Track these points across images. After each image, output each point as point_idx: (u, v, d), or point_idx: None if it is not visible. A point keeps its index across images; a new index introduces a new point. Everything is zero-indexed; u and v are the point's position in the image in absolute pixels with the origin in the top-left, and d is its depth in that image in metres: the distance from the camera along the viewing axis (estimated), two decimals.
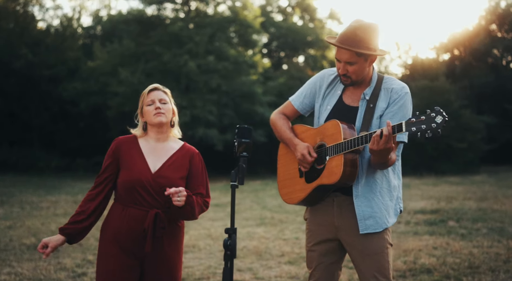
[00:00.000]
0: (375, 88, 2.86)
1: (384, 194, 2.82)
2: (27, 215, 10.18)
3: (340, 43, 2.75)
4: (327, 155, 2.78)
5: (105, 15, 30.88)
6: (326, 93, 3.01)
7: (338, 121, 2.78)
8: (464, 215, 9.41)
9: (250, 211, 11.22)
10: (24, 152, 23.94)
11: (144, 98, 2.91)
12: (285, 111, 3.22)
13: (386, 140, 2.50)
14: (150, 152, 2.88)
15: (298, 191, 2.96)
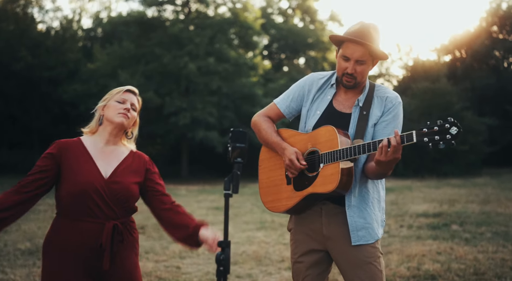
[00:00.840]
0: (368, 95, 2.77)
1: (375, 204, 2.74)
2: (24, 218, 10.03)
3: (358, 39, 2.63)
4: (322, 162, 2.64)
5: (105, 17, 30.81)
6: (315, 98, 2.88)
7: (334, 128, 2.65)
8: (468, 219, 9.26)
9: (250, 214, 11.07)
10: (23, 154, 23.84)
11: (117, 93, 2.66)
12: (269, 113, 3.08)
13: (395, 150, 2.40)
14: (98, 155, 2.59)
15: (285, 199, 2.80)
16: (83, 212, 2.44)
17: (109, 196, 2.48)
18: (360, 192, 2.69)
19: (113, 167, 2.56)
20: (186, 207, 2.77)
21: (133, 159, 2.67)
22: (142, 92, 18.61)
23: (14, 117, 24.74)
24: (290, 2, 32.17)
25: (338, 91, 2.85)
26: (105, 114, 2.60)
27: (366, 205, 2.69)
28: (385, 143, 2.40)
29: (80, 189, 2.43)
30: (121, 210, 2.53)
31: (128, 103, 2.64)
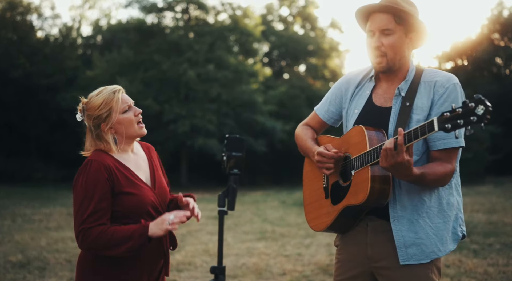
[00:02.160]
0: (413, 82, 2.30)
1: (433, 215, 2.27)
2: (18, 228, 9.77)
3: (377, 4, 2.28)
4: (353, 169, 2.27)
5: (105, 25, 30.69)
6: (354, 96, 2.49)
7: (363, 127, 2.27)
8: (474, 229, 8.98)
9: (250, 224, 10.80)
10: (21, 162, 23.60)
11: (116, 103, 2.31)
12: (310, 122, 2.72)
13: (391, 154, 2.00)
14: (134, 166, 2.39)
15: (324, 215, 2.45)
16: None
17: (161, 203, 2.37)
18: (410, 200, 2.25)
19: (148, 173, 2.39)
20: None
21: (149, 154, 2.50)
22: (141, 99, 18.40)
23: (12, 124, 24.53)
24: (291, 9, 32.08)
25: (378, 83, 2.44)
26: (120, 131, 2.32)
27: (419, 216, 2.25)
28: (385, 146, 2.02)
29: (141, 208, 2.27)
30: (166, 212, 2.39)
31: (132, 106, 2.37)
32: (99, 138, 2.34)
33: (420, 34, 2.33)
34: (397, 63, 2.31)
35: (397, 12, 2.26)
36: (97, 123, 2.32)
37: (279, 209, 13.73)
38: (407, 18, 2.27)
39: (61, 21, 29.82)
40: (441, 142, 2.23)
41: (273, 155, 25.74)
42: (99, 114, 2.30)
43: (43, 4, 28.01)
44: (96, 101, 2.32)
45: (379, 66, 2.32)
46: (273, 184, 24.47)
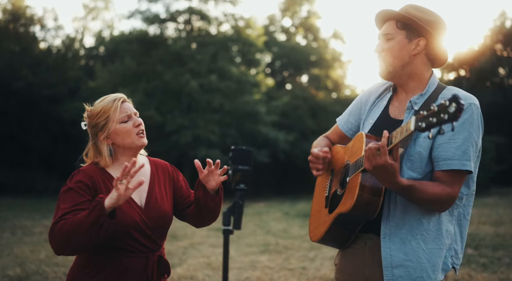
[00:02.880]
0: (431, 97, 2.18)
1: (429, 239, 2.13)
2: (17, 241, 9.62)
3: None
4: (348, 175, 2.18)
5: (108, 36, 30.74)
6: (372, 106, 2.40)
7: (363, 133, 2.19)
8: (482, 242, 8.80)
9: (253, 236, 10.62)
10: (22, 174, 23.48)
11: (114, 112, 2.19)
12: (330, 134, 2.63)
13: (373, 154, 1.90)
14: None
15: (321, 224, 2.36)
16: (124, 249, 2.11)
17: (150, 227, 2.18)
18: (405, 219, 2.12)
19: (145, 192, 2.20)
20: (186, 228, 2.46)
21: (156, 171, 2.32)
22: (143, 110, 18.21)
23: (13, 136, 24.45)
24: (293, 20, 32.12)
25: (396, 94, 2.34)
26: (117, 142, 2.19)
27: (413, 237, 2.11)
28: (367, 146, 1.93)
29: (121, 229, 2.07)
30: (162, 238, 2.24)
31: (133, 115, 2.23)
32: (96, 149, 2.22)
33: (430, 40, 2.21)
34: (400, 68, 2.21)
35: (399, 18, 2.21)
36: (95, 132, 2.23)
37: (282, 220, 13.56)
38: (409, 23, 2.19)
39: (64, 32, 29.83)
40: (445, 163, 2.09)
41: (275, 166, 25.59)
42: (97, 122, 2.21)
43: (46, 16, 27.91)
44: (95, 109, 2.24)
45: (380, 70, 2.27)
46: (276, 195, 24.29)
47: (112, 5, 35.01)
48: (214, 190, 2.29)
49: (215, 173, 2.27)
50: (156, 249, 2.22)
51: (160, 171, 2.36)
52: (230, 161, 1.75)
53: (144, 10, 25.07)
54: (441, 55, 2.27)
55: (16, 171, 23.55)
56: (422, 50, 2.21)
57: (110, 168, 2.24)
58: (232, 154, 1.72)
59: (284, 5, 32.06)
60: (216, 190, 2.30)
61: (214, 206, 2.30)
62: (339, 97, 30.31)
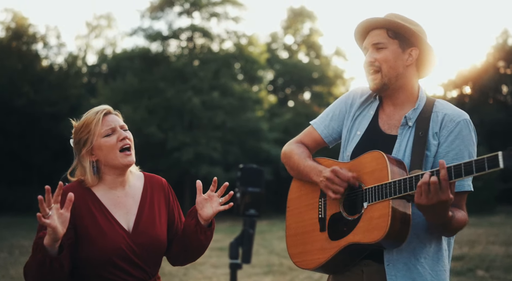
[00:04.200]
0: (424, 111, 2.06)
1: (432, 261, 2.00)
2: (14, 261, 9.39)
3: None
4: (365, 201, 1.94)
5: (110, 53, 30.84)
6: (357, 114, 2.21)
7: (383, 153, 1.95)
8: (493, 263, 8.53)
9: (256, 256, 10.35)
10: (22, 191, 23.31)
11: (95, 126, 1.99)
12: (304, 139, 2.39)
13: (435, 188, 1.69)
14: (114, 204, 2.00)
15: (317, 251, 2.09)
16: (107, 279, 1.88)
17: (139, 254, 1.95)
18: (408, 242, 1.96)
19: (133, 215, 1.98)
20: None
21: (151, 190, 2.08)
22: (145, 127, 18.08)
23: (14, 153, 24.34)
24: (295, 37, 32.22)
25: (384, 104, 2.17)
26: (100, 159, 1.98)
27: (417, 261, 1.96)
28: (425, 179, 1.72)
29: (101, 256, 1.85)
30: (153, 266, 1.98)
31: (117, 129, 2.01)
32: (80, 165, 2.02)
33: (422, 50, 2.11)
34: (394, 80, 2.08)
35: (390, 26, 2.08)
36: (78, 148, 2.03)
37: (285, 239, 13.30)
38: (401, 32, 2.08)
39: (66, 50, 29.97)
40: (458, 184, 1.96)
41: (278, 183, 25.34)
42: (80, 137, 2.02)
43: (49, 33, 28.04)
44: (79, 123, 2.04)
45: (373, 83, 2.10)
46: (278, 213, 23.99)
47: (115, 23, 35.19)
48: (207, 221, 2.03)
49: (216, 199, 2.02)
50: (146, 278, 1.99)
51: (156, 189, 2.13)
52: (239, 182, 1.53)
53: (146, 28, 25.17)
54: (430, 66, 2.18)
55: (16, 188, 23.40)
56: (414, 61, 2.11)
57: (95, 188, 2.02)
58: (241, 174, 1.50)
59: (286, 22, 32.20)
60: (209, 222, 2.05)
61: (204, 240, 2.05)
62: None
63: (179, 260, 2.17)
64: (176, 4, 24.86)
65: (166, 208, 2.13)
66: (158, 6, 24.82)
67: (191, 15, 25.14)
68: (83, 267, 1.91)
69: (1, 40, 26.17)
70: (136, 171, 2.18)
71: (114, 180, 2.02)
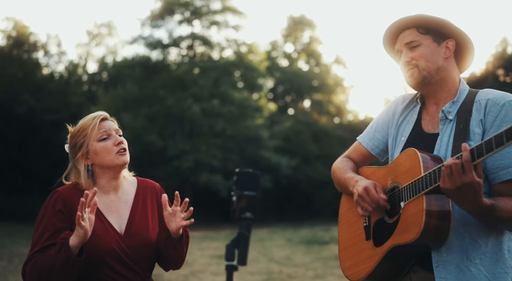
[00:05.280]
0: (465, 102, 1.97)
1: (490, 262, 1.84)
2: (14, 270, 9.36)
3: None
4: (402, 200, 1.88)
5: (111, 61, 30.95)
6: (400, 121, 2.17)
7: (415, 149, 1.90)
8: None
9: (255, 263, 10.33)
10: (22, 199, 23.28)
11: (92, 130, 2.07)
12: (351, 154, 2.34)
13: (458, 171, 1.63)
14: (107, 207, 2.06)
15: (364, 261, 2.04)
16: (100, 278, 1.95)
17: (131, 256, 2.02)
18: (459, 241, 1.84)
19: (125, 218, 2.05)
20: (187, 255, 2.18)
21: (144, 195, 2.14)
22: (145, 135, 18.07)
23: (14, 161, 24.35)
24: (295, 45, 32.36)
25: (427, 104, 2.12)
26: (97, 162, 2.06)
27: (470, 262, 1.82)
28: (447, 163, 1.65)
29: (95, 257, 1.91)
30: (145, 268, 2.04)
31: (113, 133, 2.08)
32: (75, 168, 2.10)
33: (459, 41, 2.06)
34: (434, 74, 2.01)
35: (419, 23, 2.05)
36: (75, 152, 2.11)
37: (285, 247, 13.26)
38: (432, 26, 2.03)
39: (67, 58, 30.07)
40: (505, 172, 1.84)
41: (278, 191, 25.36)
42: (76, 141, 2.10)
43: (50, 42, 28.17)
44: (75, 128, 2.13)
45: (412, 78, 2.03)
46: (279, 221, 23.96)
47: (116, 31, 35.34)
48: (176, 234, 2.05)
49: (178, 214, 2.04)
50: (137, 279, 2.04)
51: (148, 193, 2.19)
52: (235, 186, 1.57)
53: (147, 36, 25.30)
54: (470, 57, 2.11)
55: (16, 196, 23.37)
56: (452, 52, 2.05)
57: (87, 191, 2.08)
58: (237, 178, 1.53)
59: (286, 31, 32.36)
60: (179, 235, 2.07)
61: (174, 253, 2.07)
62: (342, 122, 30.27)
63: (163, 265, 2.21)
64: (176, 12, 25.01)
65: (159, 212, 2.18)
66: (159, 14, 24.97)
67: (191, 24, 25.28)
68: None
69: (2, 48, 26.27)
70: (130, 176, 2.24)
71: (108, 184, 2.10)
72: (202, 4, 24.76)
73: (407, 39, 2.05)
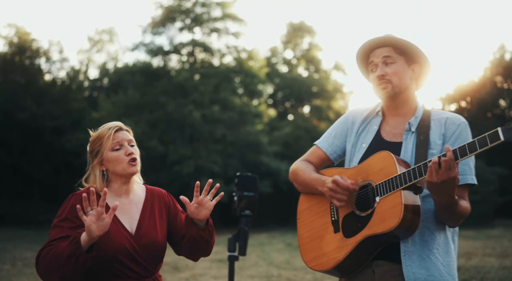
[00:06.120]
0: (423, 119, 2.29)
1: (443, 252, 2.18)
2: (17, 273, 9.51)
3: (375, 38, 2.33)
4: (377, 195, 2.12)
5: (112, 68, 31.16)
6: (360, 130, 2.44)
7: (390, 152, 2.17)
8: (488, 274, 8.67)
9: (255, 267, 10.49)
10: (24, 205, 23.39)
11: (106, 140, 2.26)
12: (310, 157, 2.59)
13: (446, 166, 1.89)
14: (119, 209, 2.24)
15: (333, 251, 2.24)
16: (113, 275, 2.12)
17: (141, 254, 2.20)
18: (420, 234, 2.14)
19: (136, 220, 2.24)
20: (187, 259, 2.40)
21: (152, 200, 2.34)
22: (146, 141, 18.25)
23: (16, 166, 24.48)
24: (295, 52, 32.57)
25: (386, 118, 2.40)
26: (110, 168, 2.25)
27: (430, 252, 2.13)
28: (435, 160, 1.92)
29: (108, 254, 2.09)
30: (154, 265, 2.23)
31: (125, 144, 2.27)
32: (92, 173, 2.30)
33: (422, 66, 2.35)
34: (403, 91, 2.31)
35: (396, 44, 2.31)
36: (91, 157, 2.30)
37: (284, 252, 13.40)
38: (406, 49, 2.31)
39: (68, 65, 30.25)
40: (460, 178, 2.16)
41: (277, 196, 25.46)
42: (93, 148, 2.29)
43: (52, 48, 28.39)
44: (93, 136, 2.32)
45: (385, 91, 2.31)
46: (278, 225, 24.08)
47: (117, 37, 35.57)
48: (203, 221, 2.28)
49: (204, 201, 2.26)
50: (147, 276, 2.23)
51: (156, 199, 2.39)
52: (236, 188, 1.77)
53: (148, 43, 25.48)
54: (426, 80, 2.41)
55: (17, 202, 23.48)
56: (416, 75, 2.35)
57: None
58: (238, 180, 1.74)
59: (286, 37, 32.58)
60: (205, 221, 2.29)
61: (209, 237, 2.30)
62: None
63: (192, 257, 2.41)
64: (177, 19, 25.22)
65: (167, 215, 2.38)
66: (160, 21, 25.18)
67: (192, 31, 25.50)
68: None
69: (4, 54, 26.48)
70: (140, 181, 2.45)
71: (120, 188, 2.29)
72: (202, 11, 24.99)
73: (386, 53, 2.31)
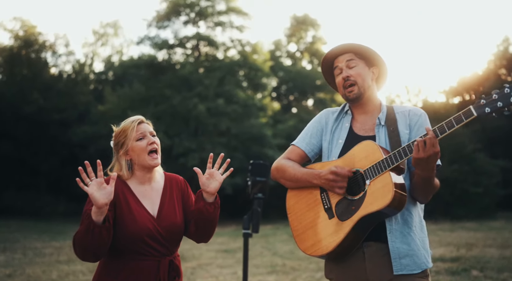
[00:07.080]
0: (389, 113, 2.59)
1: (418, 229, 2.47)
2: (29, 262, 9.77)
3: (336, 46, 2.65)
4: (367, 179, 2.37)
5: (117, 61, 31.33)
6: (334, 129, 2.70)
7: (372, 141, 2.45)
8: (488, 264, 8.86)
9: (260, 257, 10.72)
10: (31, 197, 23.68)
11: (131, 132, 2.49)
12: (291, 156, 2.78)
13: (431, 143, 2.20)
14: (142, 195, 2.50)
15: (329, 236, 2.43)
16: (138, 253, 2.38)
17: (163, 234, 2.43)
18: (402, 214, 2.42)
19: (157, 205, 2.50)
20: (194, 250, 2.65)
21: (170, 186, 2.60)
22: None
23: (22, 159, 24.74)
24: (298, 45, 32.64)
25: (355, 116, 2.68)
26: (133, 158, 2.49)
27: (410, 229, 2.42)
28: (420, 139, 2.23)
29: (136, 233, 2.36)
30: (173, 245, 2.48)
31: (147, 135, 2.51)
32: (118, 163, 2.53)
33: (380, 68, 2.66)
34: (366, 91, 2.60)
35: (356, 49, 2.61)
36: (117, 149, 2.53)
37: (289, 242, 13.62)
38: (365, 54, 2.61)
39: (74, 58, 30.45)
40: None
41: (281, 189, 25.28)
42: (118, 140, 2.52)
43: (57, 42, 28.58)
44: (118, 129, 2.56)
45: (351, 94, 2.58)
46: (282, 217, 24.30)
47: (121, 31, 35.74)
48: (212, 197, 2.49)
49: (215, 173, 2.49)
50: (168, 254, 2.46)
51: (174, 185, 2.64)
52: (249, 173, 1.98)
53: (153, 36, 25.64)
54: (385, 81, 2.72)
55: (24, 194, 23.77)
56: (375, 77, 2.67)
57: (129, 181, 2.52)
58: (251, 168, 1.95)
59: (290, 30, 32.64)
60: (214, 197, 2.51)
61: (213, 211, 2.49)
62: None
63: (199, 237, 2.62)
64: (182, 13, 25.36)
65: (182, 199, 2.62)
66: (165, 15, 25.32)
67: (196, 24, 25.64)
68: (120, 243, 2.38)
69: (11, 48, 26.69)
70: (161, 170, 2.69)
71: (143, 176, 2.53)
72: (207, 5, 25.11)
73: (349, 58, 2.61)
